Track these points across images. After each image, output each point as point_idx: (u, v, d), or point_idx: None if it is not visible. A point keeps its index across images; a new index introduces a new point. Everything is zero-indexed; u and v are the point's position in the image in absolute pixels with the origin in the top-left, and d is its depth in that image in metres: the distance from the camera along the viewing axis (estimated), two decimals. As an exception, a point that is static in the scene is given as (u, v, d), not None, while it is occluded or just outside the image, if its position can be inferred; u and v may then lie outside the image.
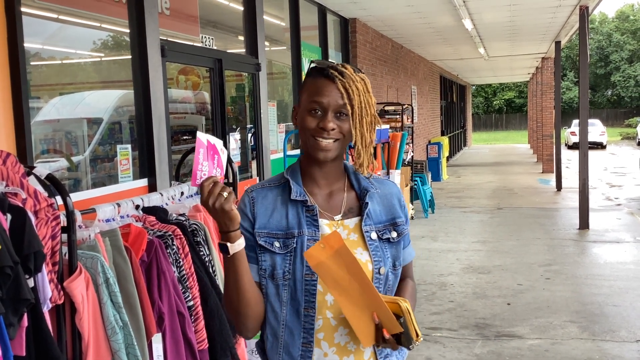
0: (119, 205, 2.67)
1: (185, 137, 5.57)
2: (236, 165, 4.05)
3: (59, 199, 2.25)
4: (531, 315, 5.51)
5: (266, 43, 6.84)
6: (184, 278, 2.66)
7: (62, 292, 2.14)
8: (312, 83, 1.62)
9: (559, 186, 13.95)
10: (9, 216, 1.96)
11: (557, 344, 4.85)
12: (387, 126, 9.32)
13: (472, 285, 6.52)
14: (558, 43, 14.19)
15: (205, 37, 5.55)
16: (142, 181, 4.43)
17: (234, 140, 6.00)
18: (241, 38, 6.53)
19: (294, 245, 1.60)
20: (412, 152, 10.96)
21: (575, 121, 29.68)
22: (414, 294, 1.77)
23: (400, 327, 1.47)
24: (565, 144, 30.73)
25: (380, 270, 1.63)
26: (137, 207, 2.81)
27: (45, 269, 2.06)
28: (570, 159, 21.88)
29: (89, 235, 2.38)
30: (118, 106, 4.44)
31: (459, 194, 13.85)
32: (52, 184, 2.25)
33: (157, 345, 2.47)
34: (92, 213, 2.56)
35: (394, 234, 1.70)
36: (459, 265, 7.37)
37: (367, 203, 1.68)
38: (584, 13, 9.35)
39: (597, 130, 29.69)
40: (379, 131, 8.15)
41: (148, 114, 4.42)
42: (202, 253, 2.87)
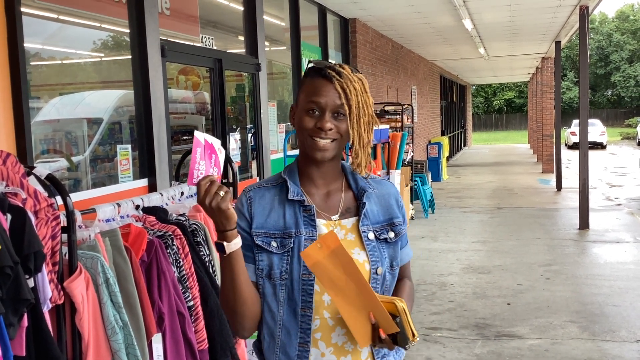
0: (119, 205, 2.67)
1: (185, 137, 5.57)
2: (236, 166, 4.05)
3: (59, 199, 2.25)
4: (531, 315, 5.51)
5: (266, 43, 6.84)
6: (184, 278, 2.66)
7: (62, 292, 2.14)
8: (309, 83, 1.62)
9: (559, 186, 13.96)
10: (9, 216, 1.96)
11: (557, 344, 4.85)
12: (387, 126, 9.33)
13: (472, 285, 6.52)
14: (558, 43, 14.19)
15: (205, 37, 5.55)
16: (142, 181, 4.43)
17: (234, 140, 6.00)
18: (241, 38, 6.53)
19: (291, 245, 1.60)
20: (412, 152, 10.96)
21: (575, 121, 29.69)
22: (411, 294, 1.77)
23: (397, 327, 1.47)
24: (566, 144, 30.73)
25: (377, 271, 1.63)
26: (137, 207, 2.81)
27: (45, 269, 2.06)
28: (570, 159, 21.88)
29: (89, 235, 2.38)
30: (118, 106, 4.44)
31: (459, 194, 13.85)
32: (52, 184, 2.25)
33: (157, 345, 2.47)
34: (92, 213, 2.56)
35: (391, 234, 1.69)
36: (459, 265, 7.37)
37: (365, 203, 1.67)
38: (584, 13, 9.35)
39: (597, 130, 29.69)
40: (379, 131, 8.16)
41: (148, 114, 4.42)
42: (202, 253, 2.87)
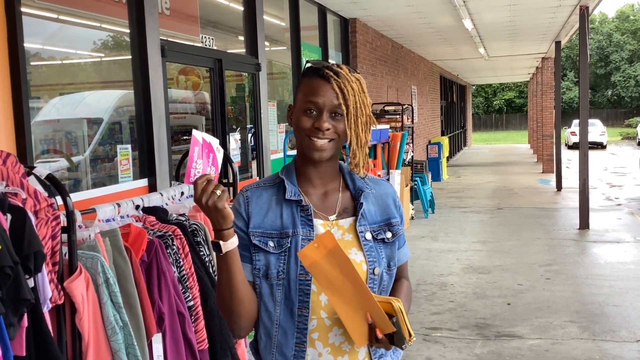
0: (119, 205, 2.67)
1: (185, 137, 5.57)
2: (236, 165, 4.05)
3: (59, 199, 2.25)
4: (531, 315, 5.51)
5: (266, 43, 6.84)
6: (184, 278, 2.66)
7: (62, 292, 2.14)
8: (307, 83, 1.62)
9: (559, 186, 13.96)
10: (9, 216, 1.96)
11: (558, 344, 4.85)
12: (387, 126, 9.33)
13: (472, 285, 6.52)
14: (558, 43, 14.20)
15: (205, 37, 5.55)
16: (142, 181, 4.43)
17: (234, 140, 6.00)
18: (241, 38, 6.53)
19: (288, 245, 1.60)
20: (412, 152, 10.96)
21: (576, 121, 29.68)
22: (409, 295, 1.77)
23: (393, 327, 1.47)
24: (566, 144, 30.73)
25: (374, 271, 1.63)
26: (137, 207, 2.81)
27: (45, 269, 2.06)
28: (570, 159, 21.88)
29: (89, 235, 2.38)
30: (118, 106, 4.44)
31: (459, 194, 13.85)
32: (52, 184, 2.25)
33: (157, 345, 2.47)
34: (92, 213, 2.56)
35: (388, 235, 1.69)
36: (459, 265, 7.37)
37: (362, 203, 1.67)
38: (584, 13, 9.35)
39: (597, 130, 29.68)
40: (379, 131, 8.16)
41: (148, 114, 4.42)
42: (202, 253, 2.87)
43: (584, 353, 4.66)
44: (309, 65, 1.66)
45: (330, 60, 7.90)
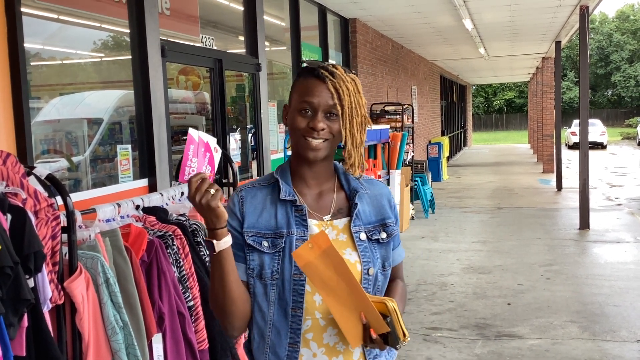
0: (119, 205, 2.67)
1: (185, 137, 5.56)
2: (236, 166, 4.05)
3: (59, 199, 2.25)
4: (531, 315, 5.51)
5: (266, 43, 6.84)
6: (184, 278, 2.66)
7: (62, 292, 2.14)
8: (302, 83, 1.62)
9: (559, 186, 13.96)
10: (9, 216, 1.96)
11: (558, 344, 4.85)
12: (387, 126, 9.34)
13: (472, 285, 6.52)
14: (558, 43, 14.19)
15: (205, 37, 5.55)
16: (142, 181, 4.44)
17: (234, 141, 6.00)
18: (241, 38, 6.53)
19: (283, 245, 1.60)
20: (413, 152, 10.96)
21: (576, 121, 29.68)
22: (403, 295, 1.77)
23: (387, 327, 1.47)
24: (566, 144, 30.73)
25: (369, 271, 1.63)
26: (137, 207, 2.81)
27: (45, 269, 2.06)
28: (570, 159, 21.88)
29: (89, 236, 2.39)
30: (118, 106, 4.44)
31: (459, 194, 13.85)
32: (52, 184, 2.25)
33: (157, 346, 2.47)
34: (92, 213, 2.56)
35: (383, 235, 1.69)
36: (459, 266, 7.37)
37: (357, 204, 1.67)
38: (584, 13, 9.35)
39: (597, 130, 29.67)
40: (379, 131, 8.17)
41: (148, 114, 4.43)
42: (202, 253, 2.87)
43: (584, 353, 4.66)
44: (304, 65, 1.66)
45: (330, 60, 7.91)
